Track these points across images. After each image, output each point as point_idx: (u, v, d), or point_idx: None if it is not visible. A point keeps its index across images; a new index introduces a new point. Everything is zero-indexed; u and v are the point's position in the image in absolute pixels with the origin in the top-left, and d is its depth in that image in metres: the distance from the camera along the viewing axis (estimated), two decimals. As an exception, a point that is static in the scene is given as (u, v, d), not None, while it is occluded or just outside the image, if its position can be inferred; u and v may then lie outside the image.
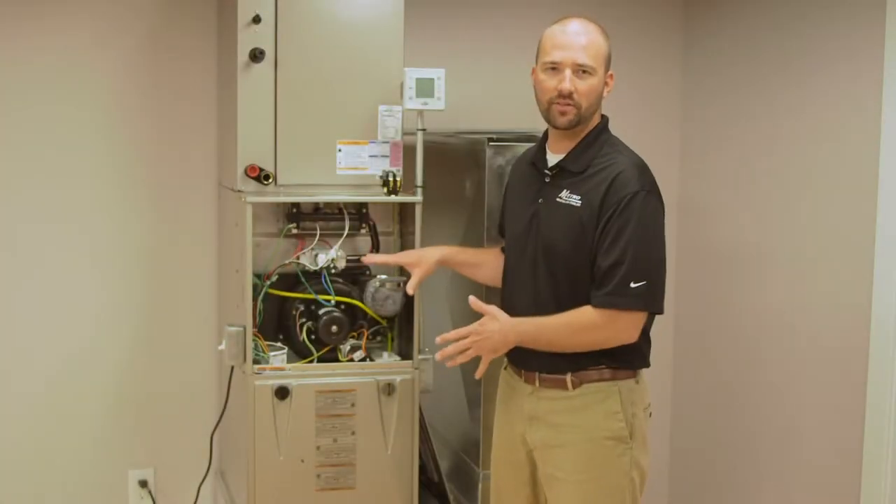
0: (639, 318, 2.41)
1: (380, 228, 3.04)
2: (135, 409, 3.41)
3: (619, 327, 2.39)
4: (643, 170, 2.43)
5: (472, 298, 2.44)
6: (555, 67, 2.44)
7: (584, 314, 2.39)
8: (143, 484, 3.43)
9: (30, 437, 3.33)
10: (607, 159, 2.44)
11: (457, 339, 2.41)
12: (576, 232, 2.41)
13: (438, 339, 2.45)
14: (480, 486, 3.07)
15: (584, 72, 2.42)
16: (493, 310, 2.43)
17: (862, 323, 2.94)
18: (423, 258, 2.73)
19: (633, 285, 2.35)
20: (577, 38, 2.43)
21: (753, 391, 3.42)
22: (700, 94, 3.71)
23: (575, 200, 2.43)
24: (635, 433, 2.47)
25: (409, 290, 2.74)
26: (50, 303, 3.31)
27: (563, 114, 2.44)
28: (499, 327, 2.40)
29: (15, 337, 3.29)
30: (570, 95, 2.42)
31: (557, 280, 2.46)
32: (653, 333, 2.52)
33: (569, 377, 2.45)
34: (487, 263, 2.74)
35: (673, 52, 3.79)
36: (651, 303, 2.40)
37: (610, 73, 2.49)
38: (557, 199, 2.46)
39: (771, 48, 3.33)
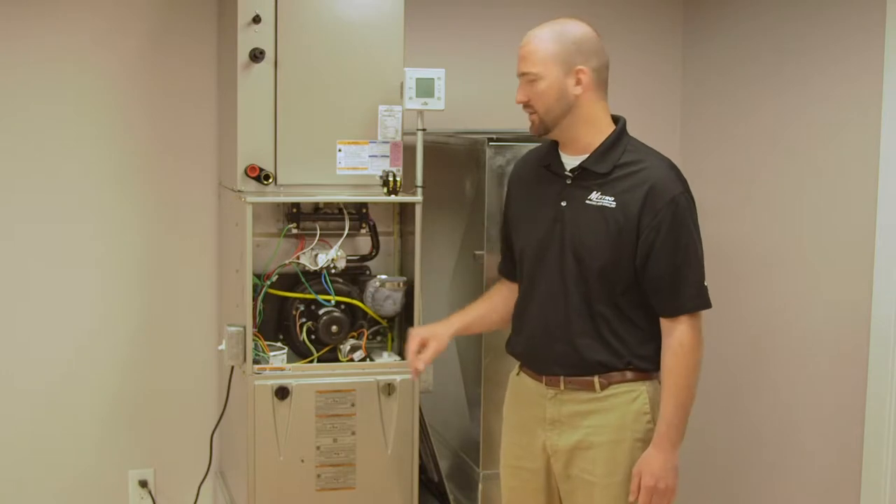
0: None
1: (380, 228, 3.04)
2: (135, 409, 3.41)
3: (700, 327, 2.37)
4: (675, 169, 2.39)
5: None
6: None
7: (673, 341, 2.34)
8: (143, 484, 3.43)
9: (30, 437, 3.33)
10: (634, 159, 2.37)
11: None
12: (612, 233, 2.34)
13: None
14: (480, 486, 3.07)
15: (530, 80, 2.38)
16: (638, 468, 2.36)
17: (862, 322, 2.94)
18: (435, 333, 2.53)
19: (706, 284, 2.36)
20: (522, 48, 2.40)
21: (753, 390, 3.42)
22: (700, 94, 3.71)
23: (608, 201, 2.35)
24: None
25: (420, 365, 2.50)
26: (50, 303, 3.31)
27: (531, 122, 2.44)
28: (660, 463, 2.34)
29: (15, 337, 3.29)
30: (527, 105, 2.41)
31: (588, 282, 2.37)
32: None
33: (597, 379, 2.39)
34: (497, 304, 2.61)
35: (673, 52, 3.79)
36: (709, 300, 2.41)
37: (577, 68, 2.35)
38: (587, 202, 2.37)
39: (771, 48, 3.32)
